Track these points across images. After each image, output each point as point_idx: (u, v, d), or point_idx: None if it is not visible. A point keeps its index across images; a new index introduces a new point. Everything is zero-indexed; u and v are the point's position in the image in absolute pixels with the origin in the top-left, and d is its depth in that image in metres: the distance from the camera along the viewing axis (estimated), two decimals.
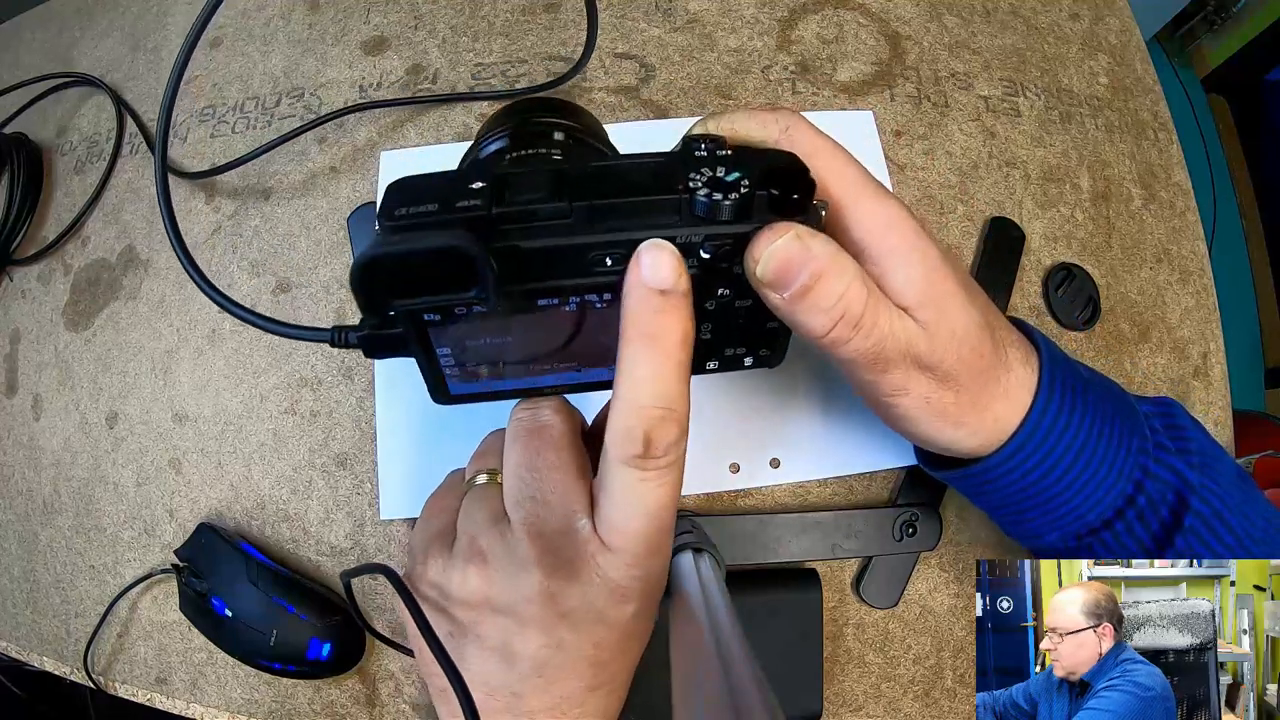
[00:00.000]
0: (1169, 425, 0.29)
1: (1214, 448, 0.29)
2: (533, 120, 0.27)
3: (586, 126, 0.28)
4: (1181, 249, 0.45)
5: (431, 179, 0.21)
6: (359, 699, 0.38)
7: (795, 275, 0.21)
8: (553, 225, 0.20)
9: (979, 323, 0.25)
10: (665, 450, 0.21)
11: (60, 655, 0.42)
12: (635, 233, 0.20)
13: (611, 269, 0.21)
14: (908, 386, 0.25)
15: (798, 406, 0.39)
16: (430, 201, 0.20)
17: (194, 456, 0.41)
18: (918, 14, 0.48)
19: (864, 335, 0.23)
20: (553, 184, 0.20)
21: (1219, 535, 0.27)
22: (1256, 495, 0.30)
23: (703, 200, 0.20)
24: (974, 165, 0.44)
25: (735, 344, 0.26)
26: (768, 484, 0.38)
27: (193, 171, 0.45)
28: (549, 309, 0.22)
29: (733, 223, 0.21)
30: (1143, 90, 0.49)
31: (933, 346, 0.24)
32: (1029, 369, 0.27)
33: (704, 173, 0.21)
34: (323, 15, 0.49)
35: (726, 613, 0.23)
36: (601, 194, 0.20)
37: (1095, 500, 0.27)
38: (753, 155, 0.22)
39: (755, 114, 0.26)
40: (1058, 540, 0.29)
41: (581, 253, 0.20)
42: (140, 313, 0.44)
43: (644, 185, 0.21)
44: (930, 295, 0.24)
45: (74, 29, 0.55)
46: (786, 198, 0.21)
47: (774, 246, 0.21)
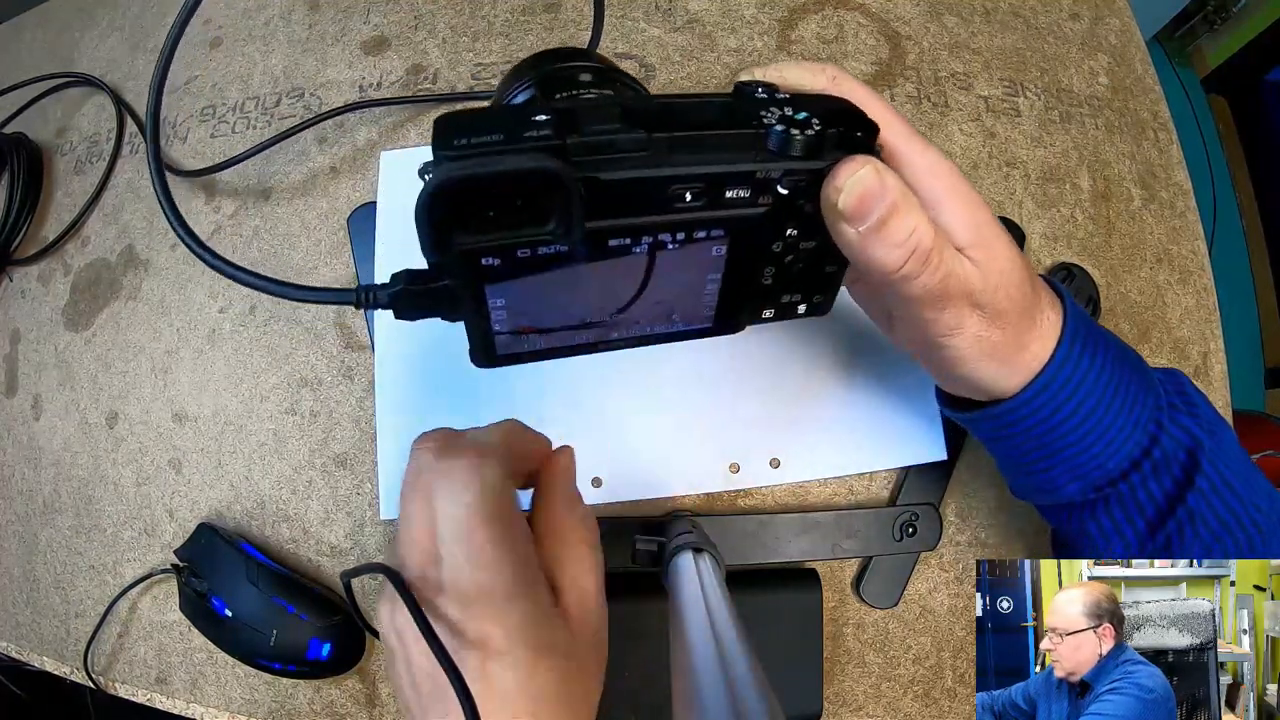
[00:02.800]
0: (1179, 392, 0.30)
1: (1220, 418, 0.30)
2: (556, 68, 0.26)
3: (611, 66, 0.27)
4: (1181, 249, 0.45)
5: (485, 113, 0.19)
6: (359, 699, 0.38)
7: (873, 207, 0.22)
8: (631, 157, 0.19)
9: (1020, 263, 0.26)
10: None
11: (60, 655, 0.42)
12: (716, 166, 0.20)
13: (690, 205, 0.20)
14: (963, 324, 0.26)
15: (798, 406, 0.39)
16: (493, 131, 0.18)
17: (194, 456, 0.41)
18: (918, 14, 0.48)
19: (932, 270, 0.23)
20: (625, 115, 0.19)
21: (1225, 499, 0.28)
22: (1258, 470, 0.30)
23: (779, 134, 0.20)
24: (974, 165, 0.44)
25: (793, 290, 0.26)
26: (768, 484, 0.38)
27: (192, 170, 0.45)
28: (619, 251, 0.20)
29: (806, 158, 0.21)
30: (1143, 90, 0.49)
31: (986, 284, 0.25)
32: (1056, 312, 0.27)
33: (773, 111, 0.21)
34: (323, 15, 0.49)
35: (726, 613, 0.23)
36: (678, 126, 0.19)
37: (1115, 447, 0.28)
38: (810, 99, 0.22)
39: (804, 65, 0.26)
40: (1076, 492, 0.29)
41: (661, 186, 0.19)
42: (140, 313, 0.44)
43: (718, 120, 0.20)
44: (980, 235, 0.25)
45: (74, 29, 0.55)
46: (854, 136, 0.21)
47: (856, 176, 0.21)
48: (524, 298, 0.21)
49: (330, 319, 0.42)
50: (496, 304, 0.21)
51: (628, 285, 0.22)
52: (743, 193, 0.20)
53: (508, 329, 0.22)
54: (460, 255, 0.19)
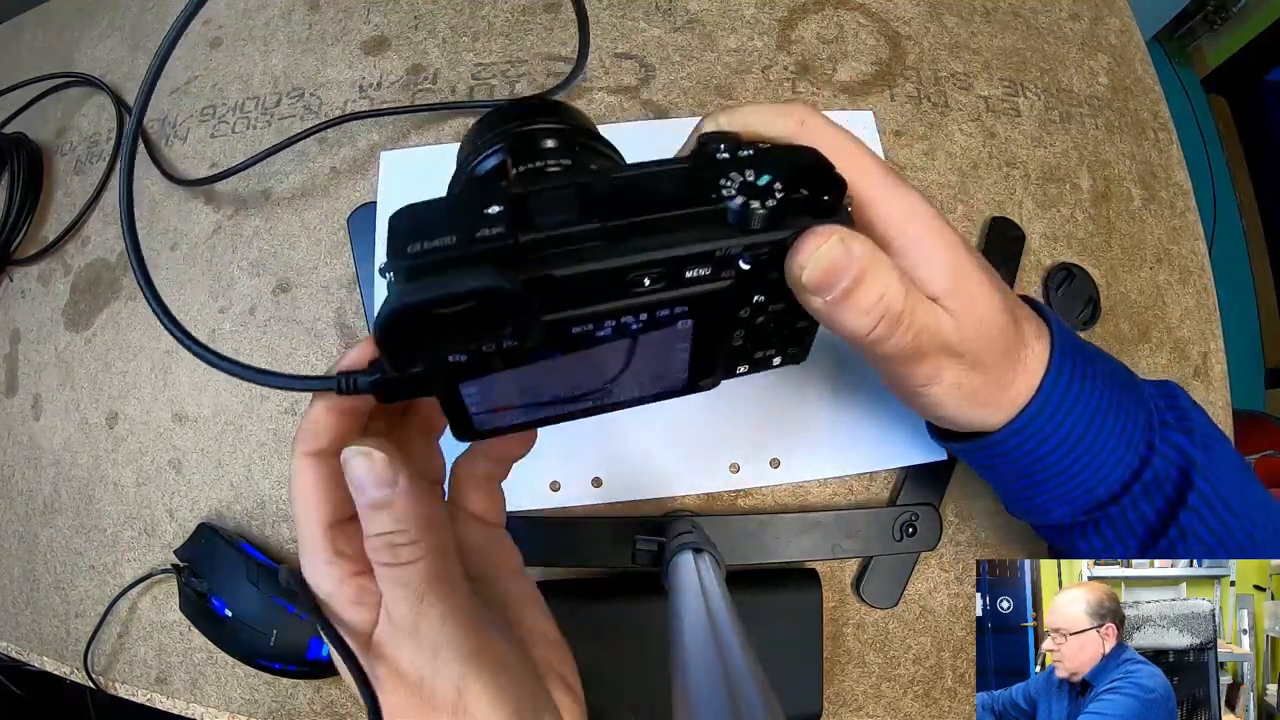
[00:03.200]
0: (1172, 406, 0.30)
1: (1215, 431, 0.30)
2: (524, 129, 0.26)
3: (579, 126, 0.27)
4: (1181, 249, 0.45)
5: (439, 205, 0.19)
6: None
7: (838, 279, 0.21)
8: (586, 248, 0.19)
9: (1001, 305, 0.25)
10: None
11: (60, 655, 0.42)
12: (674, 249, 0.19)
13: (650, 289, 0.20)
14: (940, 374, 0.25)
15: (797, 406, 0.39)
16: (445, 233, 0.18)
17: (194, 456, 0.41)
18: (918, 14, 0.48)
19: (904, 331, 0.23)
20: (580, 202, 0.19)
21: (1220, 515, 0.27)
22: (1255, 481, 0.30)
23: (737, 209, 0.20)
24: (974, 165, 0.44)
25: (766, 346, 0.25)
26: (768, 484, 0.38)
27: (191, 179, 0.46)
28: (582, 336, 0.20)
29: (768, 230, 0.20)
30: (1143, 90, 0.49)
31: (963, 334, 0.24)
32: (1042, 343, 0.27)
33: (733, 178, 0.20)
34: (323, 15, 0.49)
35: (726, 613, 0.23)
36: (633, 209, 0.19)
37: (1104, 473, 0.27)
38: (775, 154, 0.21)
39: (770, 109, 0.25)
40: (1066, 516, 0.29)
41: (619, 275, 0.19)
42: (140, 313, 0.44)
43: (675, 197, 0.20)
44: (957, 283, 0.24)
45: (74, 29, 0.55)
46: (819, 199, 0.21)
47: (819, 251, 0.20)
48: (494, 384, 0.21)
49: (330, 319, 0.42)
50: (470, 391, 0.21)
51: (596, 365, 0.22)
52: (704, 271, 0.20)
53: (482, 409, 0.22)
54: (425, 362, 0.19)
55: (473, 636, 0.21)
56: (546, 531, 0.37)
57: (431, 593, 0.20)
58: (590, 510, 0.37)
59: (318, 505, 0.21)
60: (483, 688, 0.21)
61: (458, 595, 0.21)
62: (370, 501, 0.20)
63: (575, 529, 0.37)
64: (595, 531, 0.36)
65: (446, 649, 0.21)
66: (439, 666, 0.21)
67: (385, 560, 0.20)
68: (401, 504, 0.20)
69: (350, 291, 0.42)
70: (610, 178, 0.20)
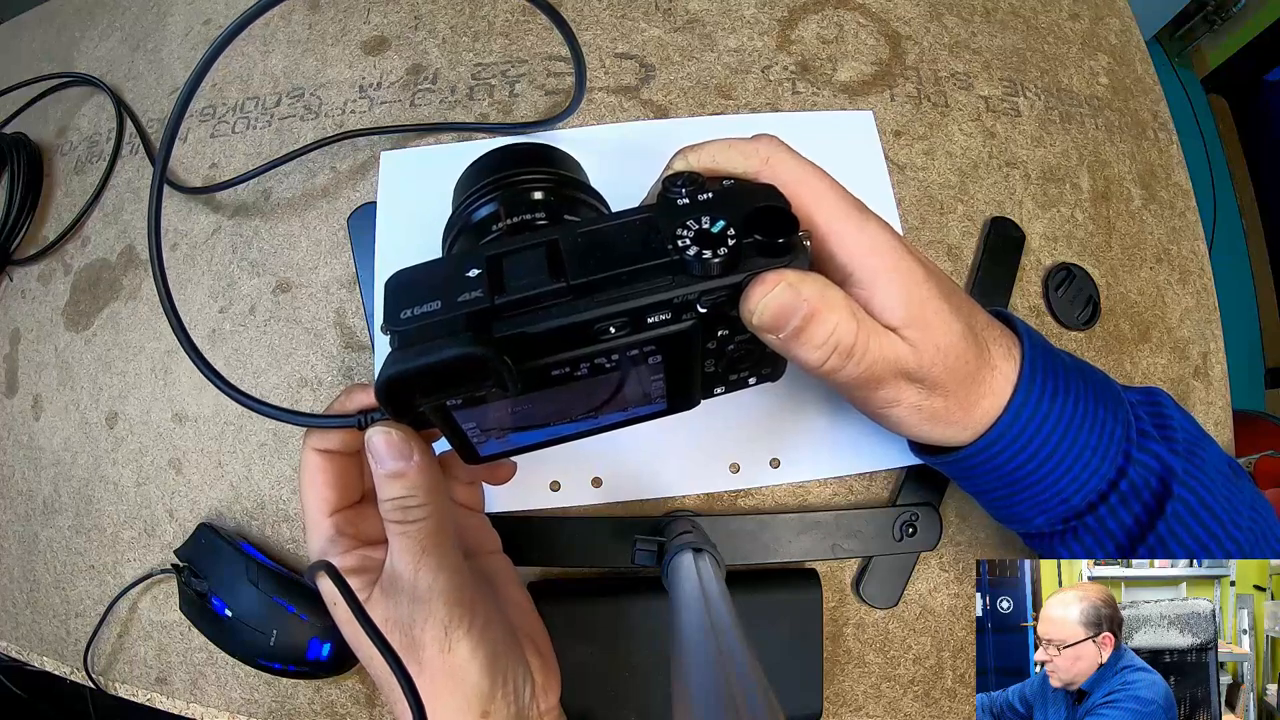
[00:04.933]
0: (1154, 414, 0.30)
1: (1201, 436, 0.30)
2: (515, 180, 0.29)
3: (565, 177, 0.30)
4: (1181, 249, 0.45)
5: (426, 270, 0.22)
6: (359, 699, 0.38)
7: (788, 319, 0.23)
8: (554, 305, 0.21)
9: (961, 333, 0.26)
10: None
11: (60, 655, 0.42)
12: (634, 300, 0.21)
13: (616, 336, 0.22)
14: (899, 398, 0.26)
15: (797, 406, 0.39)
16: (431, 299, 0.21)
17: (194, 456, 0.41)
18: (918, 14, 0.48)
19: (855, 362, 0.24)
20: (547, 262, 0.21)
21: (1203, 522, 0.28)
22: (1244, 484, 0.30)
23: (691, 259, 0.21)
24: (974, 165, 0.44)
25: (738, 370, 0.27)
26: (768, 484, 0.38)
27: (192, 184, 0.46)
28: (561, 376, 0.23)
29: (723, 276, 0.22)
30: (1143, 90, 0.49)
31: (920, 362, 0.25)
32: (1011, 362, 0.28)
33: (690, 226, 0.22)
34: (323, 15, 0.49)
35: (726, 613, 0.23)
36: (596, 265, 0.21)
37: (1079, 484, 0.28)
38: (734, 195, 0.23)
39: (735, 145, 0.26)
40: (1045, 524, 0.30)
41: (585, 327, 0.21)
42: (140, 313, 0.44)
43: (636, 249, 0.22)
44: (915, 314, 0.25)
45: (74, 29, 0.55)
46: (772, 242, 0.22)
47: (767, 299, 0.22)
48: (490, 420, 0.24)
49: (330, 319, 0.42)
50: (469, 425, 0.24)
51: (580, 397, 0.25)
52: (664, 316, 0.22)
53: (482, 439, 0.25)
54: (425, 408, 0.22)
55: (462, 589, 0.25)
56: (546, 531, 0.37)
57: (432, 547, 0.24)
58: (590, 510, 0.37)
59: (323, 494, 0.26)
60: (465, 631, 0.24)
61: (453, 555, 0.25)
62: (388, 471, 0.24)
63: (575, 529, 0.37)
64: (595, 531, 0.36)
65: (439, 596, 0.24)
66: (432, 609, 0.24)
67: (397, 519, 0.24)
68: (413, 475, 0.24)
69: (350, 291, 0.42)
70: (578, 233, 0.23)
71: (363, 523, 0.27)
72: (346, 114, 0.46)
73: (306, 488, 0.26)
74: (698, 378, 0.27)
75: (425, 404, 0.22)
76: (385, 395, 0.21)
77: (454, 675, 0.24)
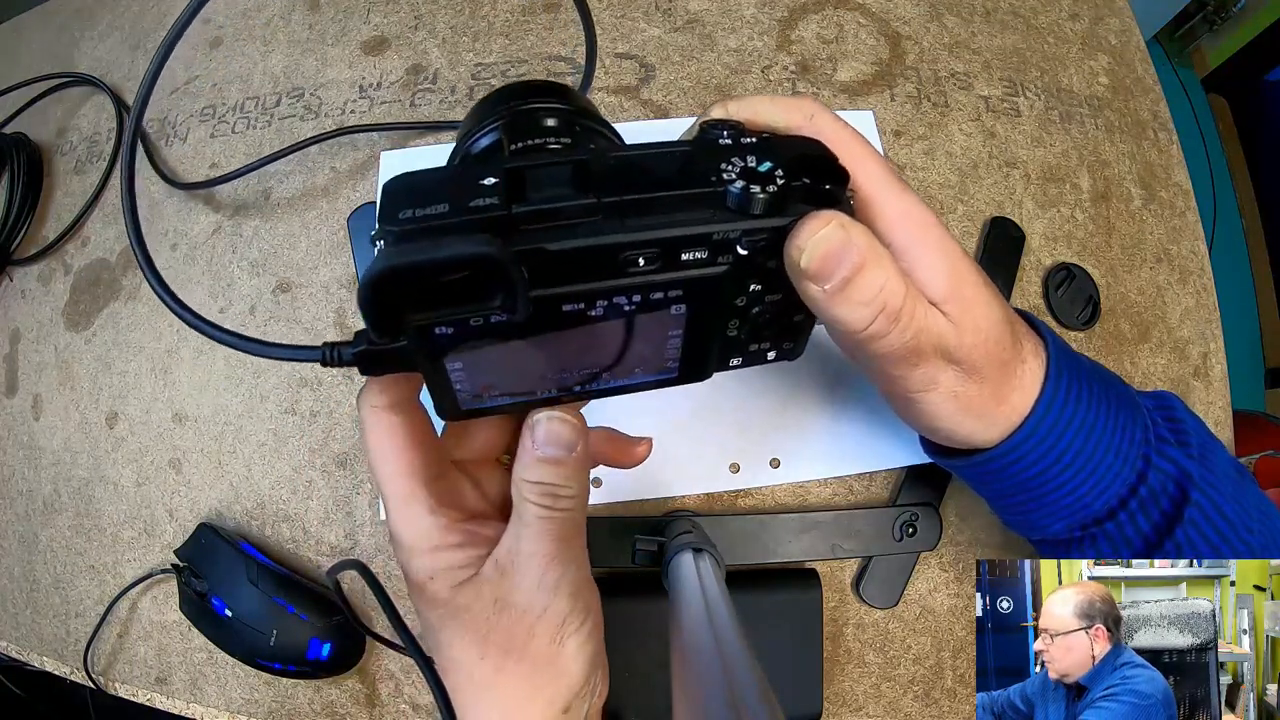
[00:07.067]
0: (1168, 418, 0.30)
1: (1211, 440, 0.30)
2: (524, 107, 0.25)
3: (580, 108, 0.26)
4: (1181, 249, 0.45)
5: (433, 175, 0.19)
6: (359, 699, 0.38)
7: (837, 266, 0.20)
8: (580, 224, 0.18)
9: (1000, 316, 0.25)
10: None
11: (60, 655, 0.42)
12: (670, 230, 0.19)
13: (644, 269, 0.19)
14: (937, 380, 0.25)
15: (798, 406, 0.39)
16: (438, 201, 0.17)
17: (194, 456, 0.41)
18: (918, 14, 0.48)
19: (902, 329, 0.23)
20: (575, 178, 0.19)
21: (1217, 526, 0.27)
22: (1251, 488, 0.30)
23: (737, 193, 0.19)
24: (974, 165, 0.44)
25: (761, 339, 0.25)
26: (768, 484, 0.38)
27: (191, 180, 0.46)
28: (573, 315, 0.20)
29: (768, 216, 0.20)
30: (1143, 90, 0.49)
31: (961, 340, 0.24)
32: (1038, 360, 0.27)
33: (734, 162, 0.20)
34: (323, 15, 0.49)
35: (726, 613, 0.23)
36: (631, 188, 0.19)
37: (1100, 489, 0.27)
38: (779, 144, 0.21)
39: (778, 101, 0.25)
40: (1063, 531, 0.29)
41: (612, 253, 0.19)
42: (140, 313, 0.44)
43: (674, 178, 0.19)
44: (956, 289, 0.24)
45: (74, 29, 0.55)
46: (821, 188, 0.20)
47: (819, 235, 0.20)
48: (481, 361, 0.20)
49: (330, 319, 0.42)
50: (455, 367, 0.20)
51: (586, 347, 0.21)
52: (700, 254, 0.19)
53: (468, 389, 0.22)
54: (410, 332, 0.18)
55: (585, 584, 0.24)
56: None
57: (571, 537, 0.23)
58: (590, 510, 0.37)
59: (407, 457, 0.23)
60: (578, 627, 0.23)
61: (583, 548, 0.24)
62: (545, 457, 0.22)
63: None
64: (595, 531, 0.36)
65: (565, 587, 0.23)
66: (555, 600, 0.23)
67: (544, 504, 0.22)
68: (572, 464, 0.22)
69: (350, 291, 0.42)
70: (609, 156, 0.20)
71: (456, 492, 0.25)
72: (346, 114, 0.46)
73: (382, 457, 0.22)
74: (718, 340, 0.24)
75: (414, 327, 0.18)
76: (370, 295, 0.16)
77: (556, 667, 0.23)
